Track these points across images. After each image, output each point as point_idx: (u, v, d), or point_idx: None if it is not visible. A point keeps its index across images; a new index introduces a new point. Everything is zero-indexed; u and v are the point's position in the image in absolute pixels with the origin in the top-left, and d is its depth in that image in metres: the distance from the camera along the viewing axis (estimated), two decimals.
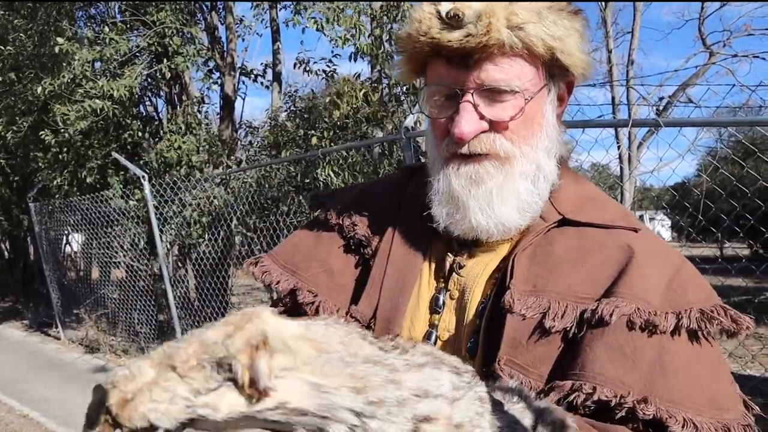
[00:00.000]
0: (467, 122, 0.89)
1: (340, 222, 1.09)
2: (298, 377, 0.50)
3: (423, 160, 1.12)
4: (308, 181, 5.72)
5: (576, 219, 0.95)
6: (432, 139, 1.00)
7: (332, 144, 5.98)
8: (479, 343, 0.91)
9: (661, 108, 12.21)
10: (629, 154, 12.27)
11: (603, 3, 15.43)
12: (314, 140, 6.22)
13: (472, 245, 0.99)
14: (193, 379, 0.47)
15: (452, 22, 0.87)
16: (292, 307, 1.05)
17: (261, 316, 0.51)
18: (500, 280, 0.93)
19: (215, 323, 0.52)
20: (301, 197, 5.84)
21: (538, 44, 0.87)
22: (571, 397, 0.79)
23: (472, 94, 0.90)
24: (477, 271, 0.97)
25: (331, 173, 5.27)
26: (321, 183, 5.39)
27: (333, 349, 0.53)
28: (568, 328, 0.85)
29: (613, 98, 15.20)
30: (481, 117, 0.90)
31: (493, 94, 0.90)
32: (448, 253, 1.01)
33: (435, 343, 0.95)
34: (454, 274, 0.98)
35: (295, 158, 5.88)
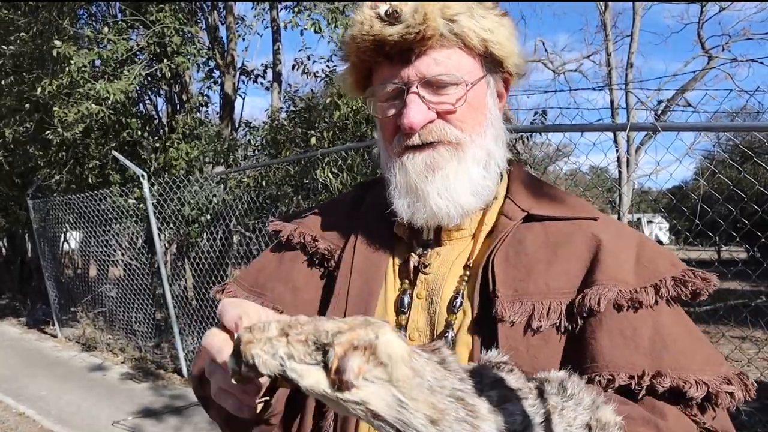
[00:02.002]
0: (415, 112, 0.94)
1: (302, 240, 1.11)
2: (387, 388, 0.58)
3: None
4: (307, 181, 5.73)
5: (540, 214, 1.00)
6: (382, 142, 1.05)
7: (331, 144, 5.99)
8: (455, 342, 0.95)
9: (659, 112, 12.25)
10: (627, 157, 12.30)
11: (602, 6, 15.47)
12: (313, 140, 6.23)
13: (434, 244, 1.03)
14: (295, 349, 0.58)
15: (391, 19, 0.93)
16: None
17: (382, 328, 0.59)
18: (481, 284, 0.96)
19: (339, 319, 0.61)
20: (299, 197, 5.85)
21: (471, 35, 0.94)
22: None
23: (417, 86, 0.95)
24: (444, 270, 1.01)
25: (329, 174, 5.27)
26: (320, 183, 5.40)
27: (426, 377, 0.60)
28: (556, 325, 0.89)
29: (612, 101, 15.24)
30: (428, 108, 0.95)
31: (436, 86, 0.95)
32: (412, 254, 1.04)
33: None
34: (420, 274, 1.02)
35: (294, 158, 5.89)
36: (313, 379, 0.58)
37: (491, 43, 0.96)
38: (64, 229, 9.75)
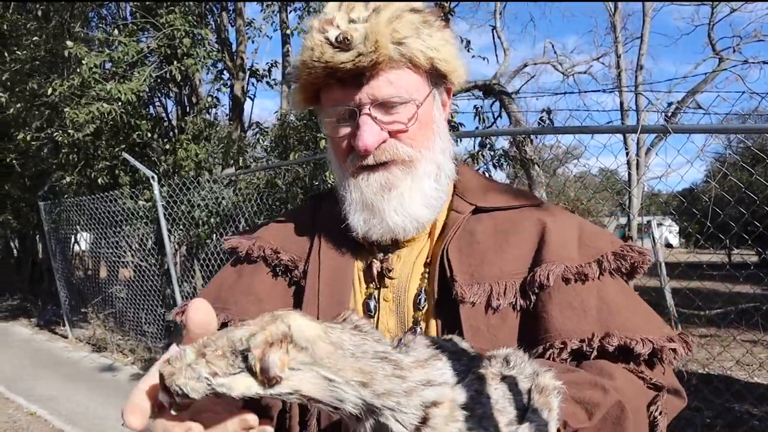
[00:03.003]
0: (369, 134, 0.98)
1: (263, 254, 1.13)
2: (314, 370, 0.61)
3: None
4: (317, 183, 5.74)
5: (487, 206, 1.07)
6: (335, 160, 1.08)
7: None
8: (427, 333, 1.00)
9: (669, 114, 12.19)
10: (637, 159, 12.24)
11: (612, 8, 15.43)
12: (322, 143, 6.24)
13: (394, 247, 1.08)
14: (216, 366, 0.61)
15: (342, 45, 0.95)
16: None
17: (290, 317, 0.62)
18: (439, 275, 1.01)
19: (248, 322, 0.63)
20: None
21: (419, 56, 0.98)
22: (546, 355, 0.90)
23: (369, 108, 0.98)
24: (407, 272, 1.06)
25: None
26: (329, 185, 5.41)
27: (346, 347, 0.63)
28: (513, 304, 0.96)
29: (621, 104, 15.19)
30: (381, 128, 0.99)
31: (387, 106, 0.99)
32: (373, 260, 1.08)
33: None
34: (385, 278, 1.06)
35: (304, 160, 5.91)
36: (242, 386, 0.61)
37: (437, 61, 1.00)
38: (75, 231, 9.83)
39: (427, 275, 1.04)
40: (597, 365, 0.89)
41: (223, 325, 1.07)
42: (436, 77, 1.04)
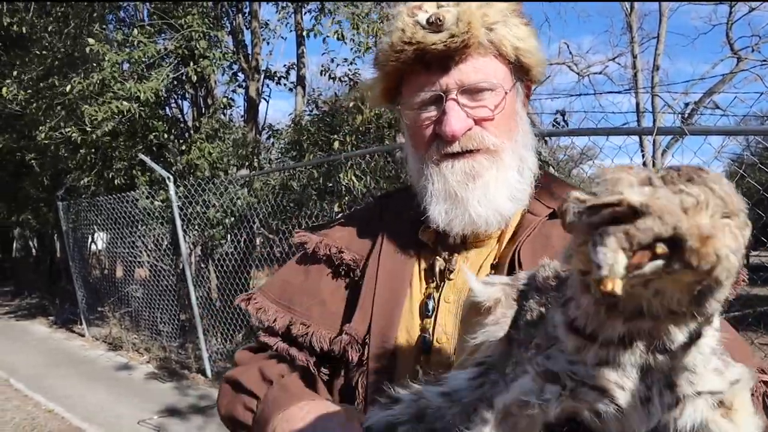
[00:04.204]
0: (456, 120, 0.95)
1: (328, 252, 1.12)
2: None
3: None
4: (331, 184, 5.76)
5: None
6: (414, 152, 1.05)
7: (354, 148, 6.02)
8: None
9: (686, 115, 12.07)
10: (653, 161, 12.13)
11: (628, 8, 15.30)
12: (336, 144, 6.26)
13: (461, 247, 1.04)
14: (741, 236, 0.40)
15: (433, 26, 0.93)
16: (287, 338, 1.10)
17: None
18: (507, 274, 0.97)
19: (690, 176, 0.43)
20: (324, 202, 5.88)
21: (506, 44, 0.96)
22: None
23: (456, 94, 0.96)
24: (473, 272, 1.01)
25: (353, 177, 5.29)
26: (343, 187, 5.42)
27: None
28: None
29: (637, 104, 15.05)
30: (467, 115, 0.96)
31: (474, 93, 0.96)
32: (437, 258, 1.04)
33: (429, 348, 0.99)
34: (446, 280, 1.02)
35: (318, 162, 5.93)
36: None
37: (523, 51, 0.98)
38: (92, 231, 9.92)
39: None
40: None
41: (287, 329, 1.08)
42: (519, 71, 1.01)
